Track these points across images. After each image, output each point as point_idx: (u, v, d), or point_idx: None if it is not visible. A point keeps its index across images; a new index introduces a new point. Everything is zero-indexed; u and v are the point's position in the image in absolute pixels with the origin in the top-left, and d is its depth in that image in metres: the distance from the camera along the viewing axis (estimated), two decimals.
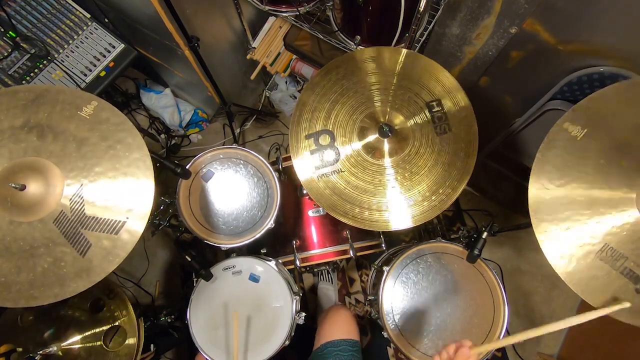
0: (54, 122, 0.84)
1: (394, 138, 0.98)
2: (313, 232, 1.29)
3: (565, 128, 0.82)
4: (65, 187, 0.80)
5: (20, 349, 1.10)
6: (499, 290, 1.08)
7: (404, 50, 1.04)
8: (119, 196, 0.81)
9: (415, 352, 1.06)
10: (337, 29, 1.27)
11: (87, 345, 1.13)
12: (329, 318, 1.18)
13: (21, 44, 1.25)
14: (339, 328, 1.14)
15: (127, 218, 0.80)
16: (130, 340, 1.15)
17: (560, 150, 0.82)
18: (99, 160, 0.82)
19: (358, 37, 1.23)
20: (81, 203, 0.80)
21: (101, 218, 0.80)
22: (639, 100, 0.82)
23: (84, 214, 0.80)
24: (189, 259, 1.08)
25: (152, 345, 1.35)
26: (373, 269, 1.35)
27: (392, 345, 1.09)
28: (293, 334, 1.13)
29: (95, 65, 1.31)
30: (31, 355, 1.05)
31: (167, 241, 1.89)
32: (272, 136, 2.04)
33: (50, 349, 1.08)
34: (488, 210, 1.84)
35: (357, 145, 0.99)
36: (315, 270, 1.69)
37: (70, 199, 0.80)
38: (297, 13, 1.28)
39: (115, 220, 0.80)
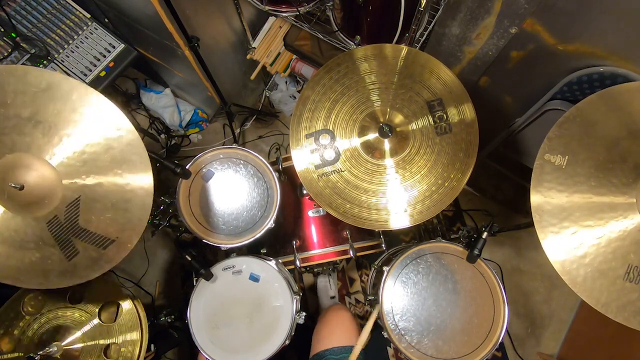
0: (61, 122, 0.81)
1: (394, 138, 0.98)
2: (313, 232, 1.29)
3: (547, 159, 0.82)
4: (64, 193, 0.80)
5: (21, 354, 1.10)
6: (499, 290, 1.08)
7: (405, 47, 1.04)
8: (113, 215, 0.81)
9: (415, 352, 1.06)
10: (337, 29, 1.27)
11: (88, 344, 1.13)
12: (329, 320, 1.17)
13: (21, 44, 1.25)
14: (339, 333, 1.12)
15: (117, 237, 0.81)
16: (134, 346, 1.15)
17: (552, 183, 0.81)
18: (99, 170, 0.82)
19: (358, 37, 1.23)
20: (76, 213, 0.80)
21: (92, 232, 0.80)
22: (604, 117, 0.83)
23: (77, 223, 0.80)
24: (189, 259, 1.08)
25: (152, 346, 1.35)
26: (373, 269, 1.35)
27: (392, 345, 1.08)
28: (293, 333, 1.13)
29: (95, 65, 1.31)
30: (31, 355, 1.05)
31: (167, 241, 1.89)
32: (272, 136, 2.04)
33: (50, 349, 1.08)
34: (488, 210, 1.84)
35: (358, 145, 0.99)
36: (315, 270, 1.69)
37: (67, 206, 0.80)
38: (297, 13, 1.28)
39: (105, 237, 0.80)
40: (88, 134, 0.83)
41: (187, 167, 1.14)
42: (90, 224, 0.81)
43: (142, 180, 0.83)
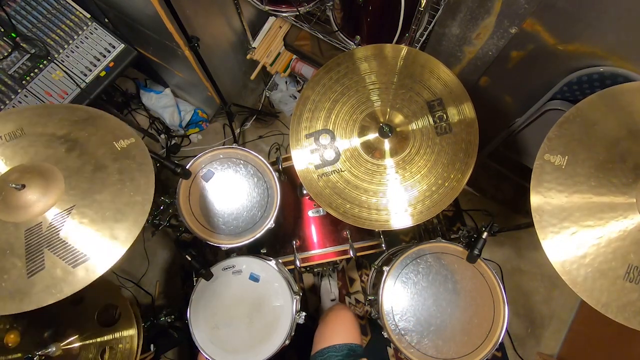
0: (88, 142, 0.87)
1: (394, 138, 0.98)
2: (313, 232, 1.29)
3: (547, 159, 0.81)
4: (58, 202, 0.79)
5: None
6: (499, 290, 1.08)
7: (405, 47, 1.04)
8: (97, 234, 0.79)
9: (415, 352, 1.06)
10: (337, 29, 1.27)
11: (87, 343, 1.13)
12: (330, 319, 1.17)
13: (21, 44, 1.25)
14: (340, 331, 1.12)
15: (93, 256, 0.78)
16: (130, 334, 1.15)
17: (552, 183, 0.80)
18: (102, 189, 0.82)
19: (358, 37, 1.23)
20: (62, 223, 0.79)
21: (70, 245, 0.77)
22: (604, 117, 0.82)
23: (58, 234, 0.78)
24: (189, 259, 1.08)
25: (152, 345, 1.35)
26: (373, 269, 1.35)
27: (392, 345, 1.08)
28: (293, 333, 1.13)
29: (95, 65, 1.31)
30: (30, 355, 1.05)
31: (167, 241, 1.89)
32: (272, 136, 2.04)
33: (50, 349, 1.08)
34: (488, 210, 1.84)
35: (358, 145, 0.99)
36: (316, 270, 1.69)
37: (55, 216, 0.79)
38: (297, 13, 1.28)
39: (82, 253, 0.77)
40: (106, 156, 0.86)
41: (187, 167, 1.14)
42: (70, 237, 0.78)
43: (145, 193, 0.83)
